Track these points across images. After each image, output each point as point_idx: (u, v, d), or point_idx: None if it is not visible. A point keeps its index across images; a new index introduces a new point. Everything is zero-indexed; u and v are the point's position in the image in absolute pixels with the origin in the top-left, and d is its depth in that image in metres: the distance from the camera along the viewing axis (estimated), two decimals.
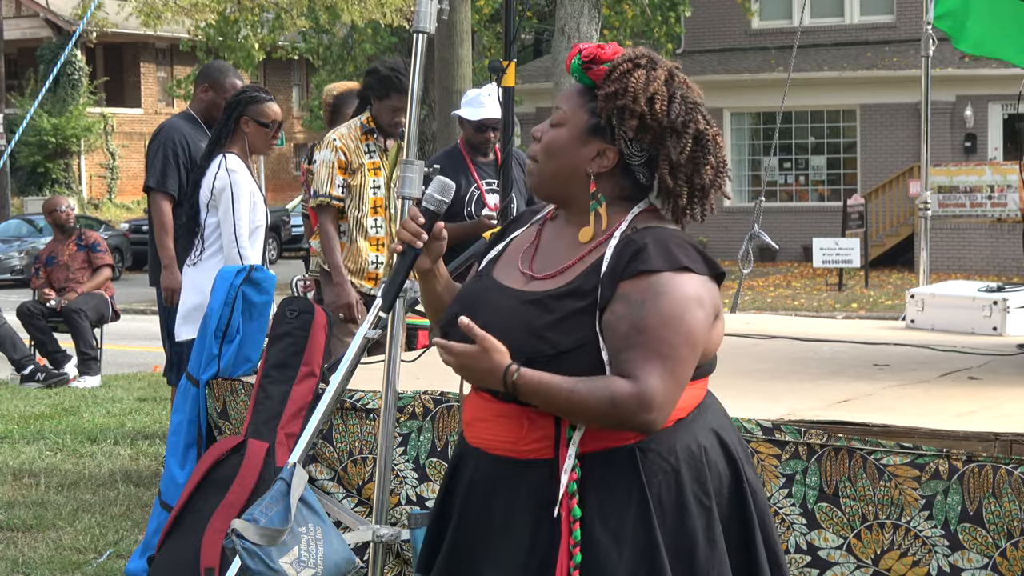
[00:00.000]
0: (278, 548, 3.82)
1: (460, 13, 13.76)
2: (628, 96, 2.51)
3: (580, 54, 2.58)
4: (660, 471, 2.49)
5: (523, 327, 2.49)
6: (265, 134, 5.66)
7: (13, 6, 35.34)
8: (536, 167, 2.61)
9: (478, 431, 2.59)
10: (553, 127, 2.60)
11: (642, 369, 2.42)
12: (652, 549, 2.46)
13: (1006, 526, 3.44)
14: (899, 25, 25.67)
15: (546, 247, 2.63)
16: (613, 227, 2.55)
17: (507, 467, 2.54)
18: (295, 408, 4.57)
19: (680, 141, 2.53)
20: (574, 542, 2.46)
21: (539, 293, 2.53)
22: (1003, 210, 22.29)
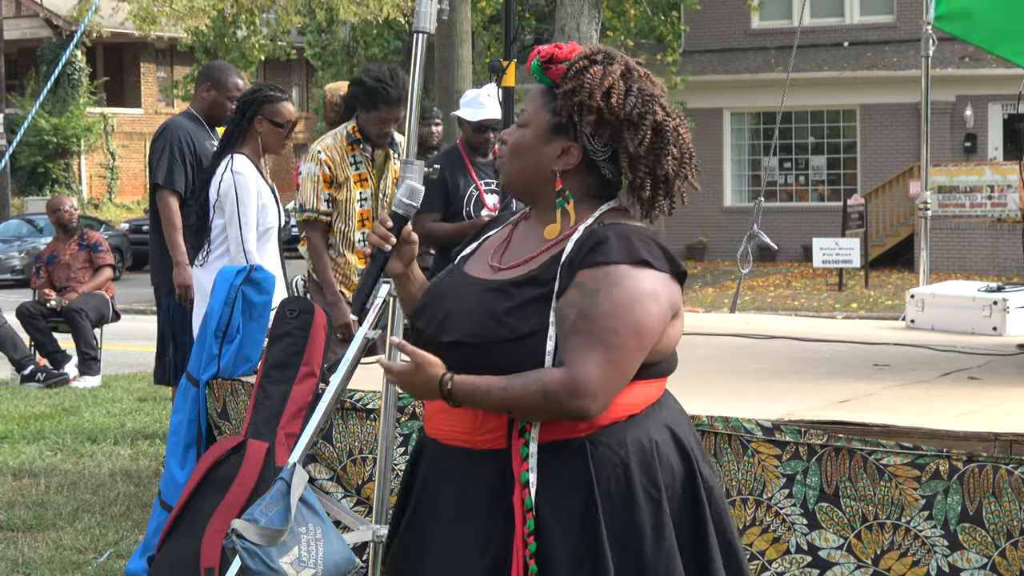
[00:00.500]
0: (278, 548, 3.82)
1: (460, 13, 13.77)
2: (584, 92, 2.56)
3: (539, 54, 2.63)
4: (609, 464, 2.53)
5: (484, 312, 2.54)
6: (279, 134, 5.62)
7: (13, 6, 35.34)
8: (504, 166, 2.68)
9: (437, 423, 2.65)
10: (519, 128, 2.66)
11: (579, 356, 2.46)
12: (596, 540, 2.51)
13: (1006, 526, 3.44)
14: (899, 25, 25.66)
15: (516, 243, 2.69)
16: (579, 222, 2.60)
17: (461, 457, 2.59)
18: (295, 408, 4.57)
19: (638, 133, 2.56)
20: (528, 531, 2.50)
21: (501, 281, 2.59)
22: (1003, 210, 22.28)
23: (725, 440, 3.77)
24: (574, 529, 2.51)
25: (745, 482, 3.75)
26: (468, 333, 2.52)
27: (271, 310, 4.92)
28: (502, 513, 2.53)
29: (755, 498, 3.74)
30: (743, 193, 26.64)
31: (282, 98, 5.65)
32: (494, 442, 2.55)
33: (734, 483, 3.77)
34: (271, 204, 5.60)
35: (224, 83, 6.42)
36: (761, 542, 3.74)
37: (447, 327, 2.57)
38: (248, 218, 5.47)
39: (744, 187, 26.87)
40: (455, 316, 2.56)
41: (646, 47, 24.11)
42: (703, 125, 25.41)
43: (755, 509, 3.75)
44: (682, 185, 2.62)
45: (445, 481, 2.61)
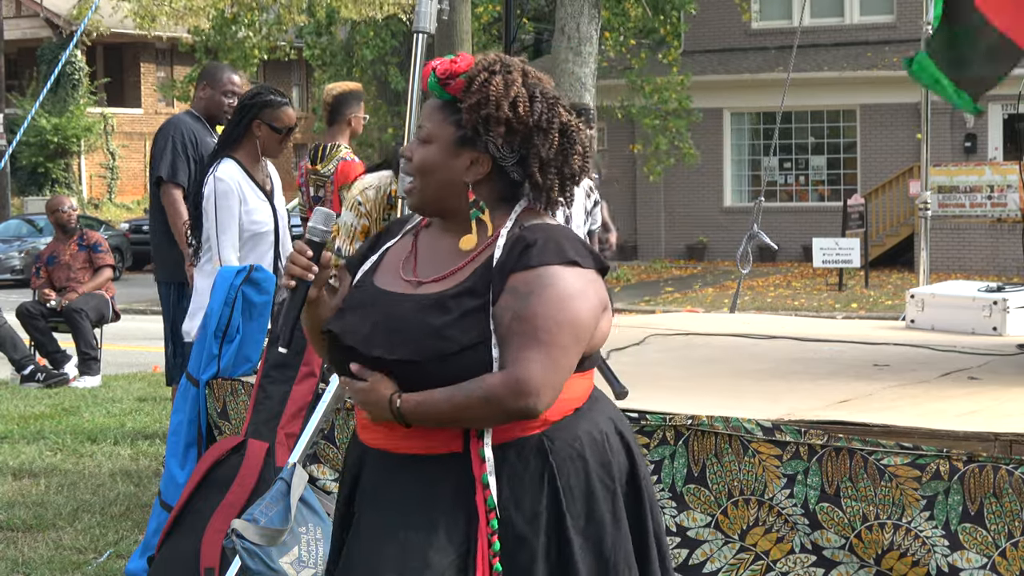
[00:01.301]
0: (278, 548, 3.82)
1: (460, 13, 13.76)
2: (491, 104, 2.60)
3: (435, 71, 2.64)
4: (568, 457, 2.58)
5: (422, 328, 2.55)
6: (277, 139, 5.59)
7: (13, 6, 35.34)
8: (414, 186, 2.68)
9: (378, 434, 2.64)
10: (421, 144, 2.67)
11: (518, 356, 2.51)
12: (563, 533, 2.56)
13: (1007, 526, 3.44)
14: (899, 25, 25.66)
15: (426, 255, 2.69)
16: (498, 228, 2.63)
17: (414, 464, 2.59)
18: (295, 408, 4.57)
19: (547, 137, 2.63)
20: (491, 530, 2.53)
21: (434, 295, 2.59)
22: (1003, 210, 22.28)
23: (726, 440, 3.77)
24: (541, 524, 2.56)
25: (747, 482, 3.75)
26: (411, 351, 2.53)
27: (271, 310, 4.92)
28: (464, 515, 2.55)
29: (757, 498, 3.74)
30: (743, 193, 26.63)
31: (282, 103, 5.62)
32: (449, 446, 2.57)
33: (736, 483, 3.77)
34: (260, 207, 5.53)
35: (219, 79, 6.42)
36: (765, 542, 3.74)
37: (382, 346, 2.56)
38: (225, 224, 5.42)
39: (744, 187, 26.87)
40: (390, 334, 2.56)
41: (646, 47, 24.10)
42: (703, 125, 25.41)
43: (757, 509, 3.75)
44: (582, 179, 2.71)
45: (395, 489, 2.60)
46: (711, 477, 3.79)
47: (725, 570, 3.78)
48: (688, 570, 3.80)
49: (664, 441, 3.84)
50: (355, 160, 6.75)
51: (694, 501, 3.81)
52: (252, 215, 5.49)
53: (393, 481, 2.61)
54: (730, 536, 3.78)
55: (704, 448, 3.80)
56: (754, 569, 3.75)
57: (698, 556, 3.80)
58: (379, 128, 23.35)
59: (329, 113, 7.09)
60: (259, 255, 5.54)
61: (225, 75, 6.47)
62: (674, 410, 3.88)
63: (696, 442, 3.81)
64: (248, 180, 5.52)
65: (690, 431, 3.82)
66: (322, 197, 6.89)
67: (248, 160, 5.55)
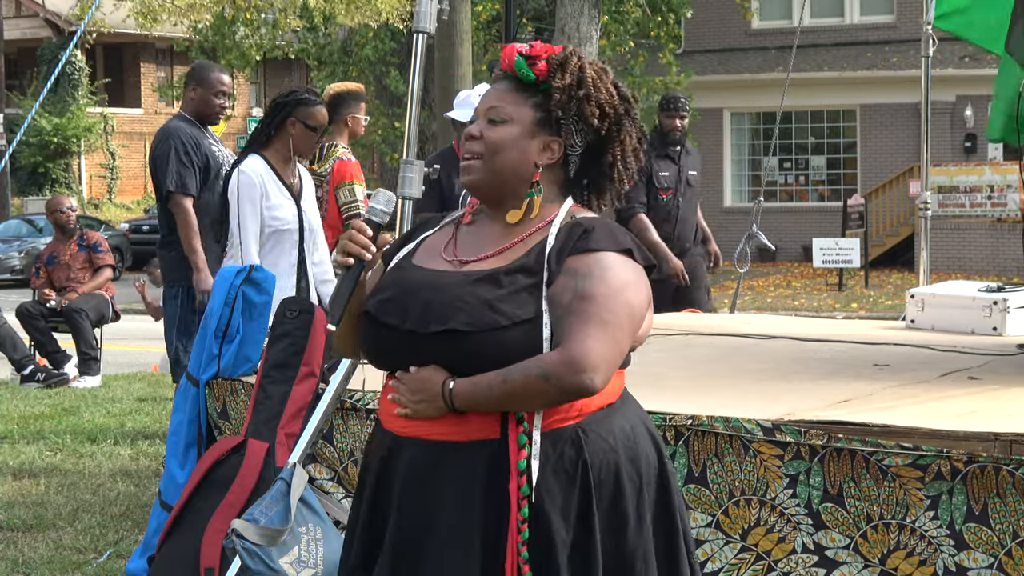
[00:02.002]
0: (278, 548, 3.82)
1: (460, 13, 13.75)
2: (588, 86, 2.64)
3: (520, 52, 2.66)
4: (600, 451, 2.58)
5: (477, 300, 2.54)
6: (311, 137, 5.62)
7: (13, 6, 35.33)
8: (480, 164, 2.67)
9: (415, 421, 2.60)
10: (495, 125, 2.67)
11: (577, 332, 2.51)
12: (590, 526, 2.56)
13: (1012, 526, 3.44)
14: (899, 25, 25.66)
15: (468, 239, 2.70)
16: (549, 215, 2.65)
17: (449, 451, 2.57)
18: (295, 408, 4.57)
19: (625, 132, 2.68)
20: (522, 518, 2.52)
21: (486, 271, 2.60)
22: (1003, 210, 22.28)
23: (726, 440, 3.77)
24: (571, 515, 2.55)
25: (748, 482, 3.75)
26: (463, 322, 2.52)
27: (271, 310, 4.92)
28: (494, 501, 2.53)
29: (759, 498, 3.74)
30: (743, 193, 26.63)
31: (317, 102, 5.68)
32: (486, 433, 2.55)
33: (737, 483, 3.77)
34: (284, 205, 5.54)
35: (208, 80, 6.42)
36: (766, 542, 3.74)
37: (430, 318, 2.55)
38: (246, 218, 5.46)
39: (744, 187, 26.87)
40: (439, 306, 2.55)
41: (645, 47, 24.11)
42: (703, 125, 25.39)
43: (759, 509, 3.75)
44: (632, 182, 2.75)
45: (436, 474, 2.58)
46: (712, 477, 3.79)
47: (726, 570, 3.78)
48: None
49: (664, 441, 3.84)
50: (351, 160, 6.75)
51: (695, 501, 3.81)
52: (273, 211, 5.50)
53: (427, 469, 2.58)
54: (731, 536, 3.78)
55: (704, 448, 3.80)
56: (755, 569, 3.75)
57: (699, 556, 3.80)
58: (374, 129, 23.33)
59: (329, 113, 7.10)
60: (281, 252, 5.54)
61: (214, 75, 6.47)
62: (674, 410, 3.88)
63: (696, 442, 3.81)
64: (273, 176, 5.54)
65: (690, 431, 3.82)
66: (320, 198, 6.89)
67: (277, 158, 5.58)
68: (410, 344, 2.57)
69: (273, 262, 5.50)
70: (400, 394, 2.59)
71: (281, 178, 5.58)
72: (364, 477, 2.73)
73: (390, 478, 2.64)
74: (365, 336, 2.67)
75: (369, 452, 2.74)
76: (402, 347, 2.59)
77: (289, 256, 5.57)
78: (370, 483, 2.69)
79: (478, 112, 2.70)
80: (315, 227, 5.71)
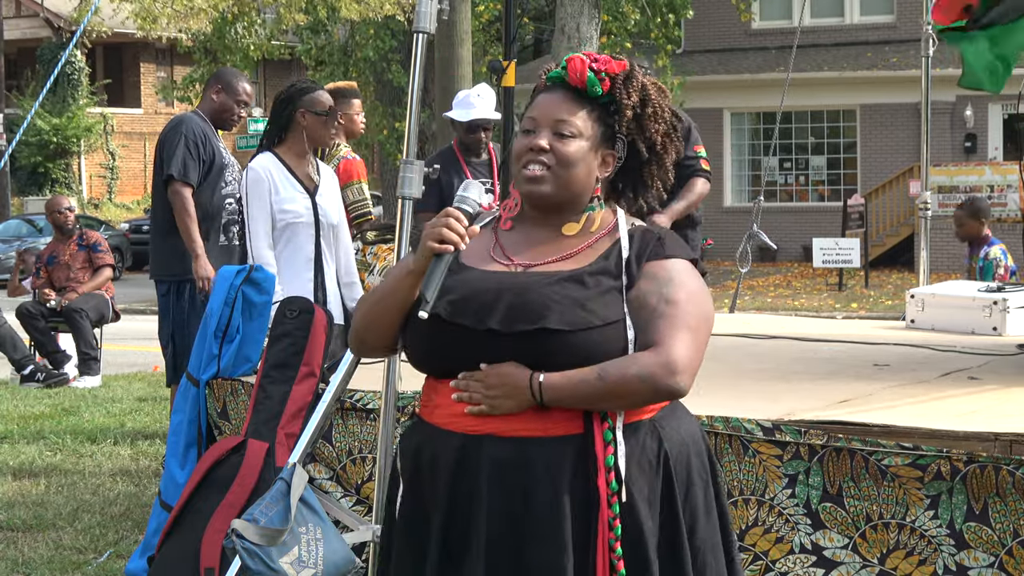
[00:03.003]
0: (278, 548, 3.82)
1: (460, 13, 13.75)
2: (653, 104, 2.72)
3: (592, 68, 2.69)
4: (676, 444, 2.64)
5: (568, 299, 2.57)
6: (324, 123, 5.62)
7: (13, 6, 35.32)
8: (550, 175, 2.68)
9: (486, 417, 2.59)
10: (564, 138, 2.68)
11: (668, 336, 2.57)
12: (675, 517, 2.61)
13: (1012, 525, 3.44)
14: (899, 25, 25.65)
15: (517, 244, 2.71)
16: (608, 222, 2.71)
17: (534, 447, 2.57)
18: (295, 408, 4.57)
19: (673, 147, 2.78)
20: (613, 515, 2.54)
21: (567, 272, 2.62)
22: (1003, 210, 22.28)
23: (726, 440, 3.77)
24: (656, 505, 2.60)
25: (747, 482, 3.75)
26: (556, 321, 2.54)
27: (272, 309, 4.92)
28: (582, 496, 2.55)
29: (757, 498, 3.74)
30: (743, 193, 26.63)
31: (317, 87, 5.72)
32: (571, 428, 2.57)
33: (736, 483, 3.77)
34: (296, 198, 5.52)
35: (235, 87, 6.46)
36: (764, 542, 3.74)
37: (516, 318, 2.55)
38: (255, 211, 5.47)
39: (744, 187, 26.86)
40: (527, 306, 2.55)
41: (644, 47, 24.10)
42: (703, 125, 25.38)
43: (757, 509, 3.75)
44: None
45: (522, 470, 2.56)
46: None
47: None
48: None
49: None
50: (356, 158, 6.75)
51: None
52: (283, 204, 5.49)
53: (512, 466, 2.57)
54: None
55: None
56: (753, 569, 3.75)
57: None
58: (378, 129, 23.32)
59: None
60: (297, 246, 5.52)
61: (240, 84, 6.52)
62: None
63: None
64: (284, 171, 5.53)
65: None
66: None
67: (291, 154, 5.57)
68: (489, 344, 2.56)
69: (289, 257, 5.49)
70: (472, 391, 2.57)
71: (295, 173, 5.57)
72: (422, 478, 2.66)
73: (471, 477, 2.60)
74: (425, 338, 2.63)
75: (421, 455, 2.67)
76: (478, 347, 2.58)
77: (305, 250, 5.55)
78: (443, 483, 2.62)
79: (538, 122, 2.70)
80: (336, 222, 5.67)
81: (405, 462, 2.72)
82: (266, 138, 5.67)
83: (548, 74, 2.76)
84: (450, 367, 2.63)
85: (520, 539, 2.56)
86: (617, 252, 2.65)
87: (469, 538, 2.59)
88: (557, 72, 2.73)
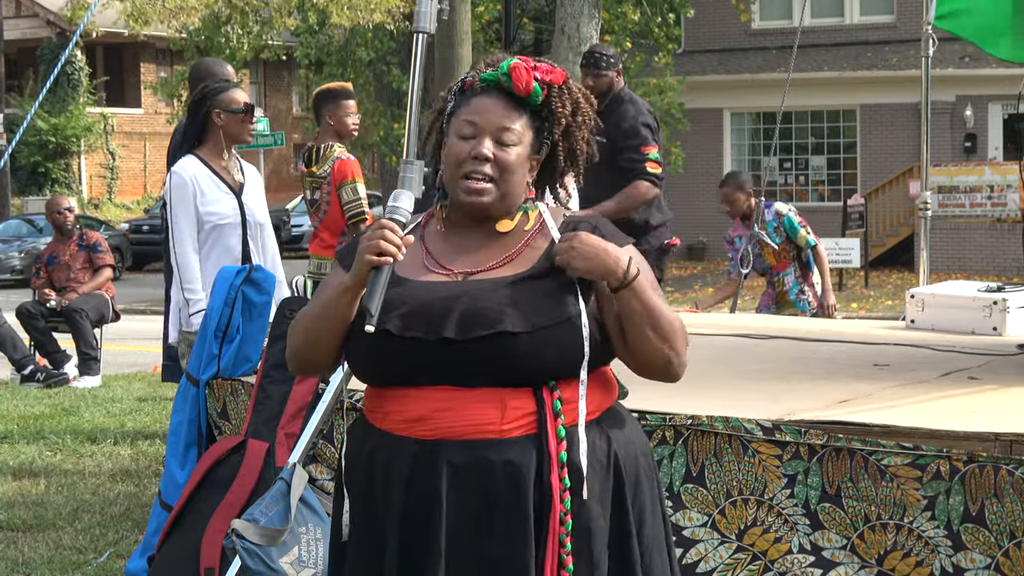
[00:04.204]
0: (278, 548, 3.82)
1: (460, 13, 13.75)
2: (583, 112, 2.75)
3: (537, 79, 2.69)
4: (624, 442, 2.68)
5: (519, 302, 2.58)
6: (240, 120, 5.59)
7: (13, 6, 35.32)
8: (493, 187, 2.67)
9: (442, 422, 2.59)
10: (506, 146, 2.68)
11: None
12: (624, 514, 2.64)
13: (1008, 526, 3.44)
14: (899, 25, 25.66)
15: (448, 250, 2.71)
16: (538, 220, 2.74)
17: (491, 449, 2.57)
18: (295, 408, 4.57)
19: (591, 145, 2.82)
20: (564, 510, 2.56)
21: (513, 276, 2.64)
22: (1003, 210, 22.29)
23: (725, 440, 3.77)
24: (608, 504, 2.62)
25: (746, 482, 3.75)
26: (512, 323, 2.55)
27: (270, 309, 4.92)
28: (536, 495, 2.56)
29: (756, 498, 3.74)
30: None
31: (229, 85, 5.68)
32: (525, 428, 2.58)
33: (735, 483, 3.77)
34: (221, 199, 5.53)
35: (216, 76, 6.46)
36: (762, 542, 3.74)
37: (472, 325, 2.55)
38: (178, 216, 5.49)
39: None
40: (479, 314, 2.56)
41: (643, 47, 24.10)
42: (703, 125, 25.40)
43: (756, 509, 3.75)
44: None
45: (477, 472, 2.57)
46: (710, 477, 3.79)
47: (720, 570, 3.78)
48: (682, 569, 3.80)
49: (663, 441, 3.85)
50: (351, 158, 6.73)
51: (691, 500, 3.82)
52: (208, 207, 5.51)
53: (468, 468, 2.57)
54: (727, 536, 3.78)
55: (704, 448, 3.80)
56: (751, 569, 3.75)
57: (692, 555, 3.80)
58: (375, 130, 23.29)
59: (315, 115, 7.13)
60: (226, 247, 5.55)
61: (221, 70, 6.52)
62: (674, 410, 3.88)
63: (696, 442, 3.81)
64: (209, 173, 5.55)
65: (690, 431, 3.82)
66: (317, 200, 6.88)
67: (211, 154, 5.58)
68: (445, 352, 2.56)
69: (217, 258, 5.51)
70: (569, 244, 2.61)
71: (219, 174, 5.59)
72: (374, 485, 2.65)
73: (428, 481, 2.59)
74: (374, 351, 2.61)
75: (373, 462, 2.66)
76: (432, 356, 2.57)
77: (233, 251, 5.57)
78: (398, 488, 2.61)
79: (480, 128, 2.67)
80: (262, 221, 5.68)
81: (354, 473, 2.70)
82: (186, 142, 5.67)
83: (483, 75, 2.71)
84: (401, 377, 2.63)
85: (481, 538, 2.57)
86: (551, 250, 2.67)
87: (428, 541, 2.59)
88: (493, 75, 2.69)
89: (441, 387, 2.59)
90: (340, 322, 2.66)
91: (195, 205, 5.49)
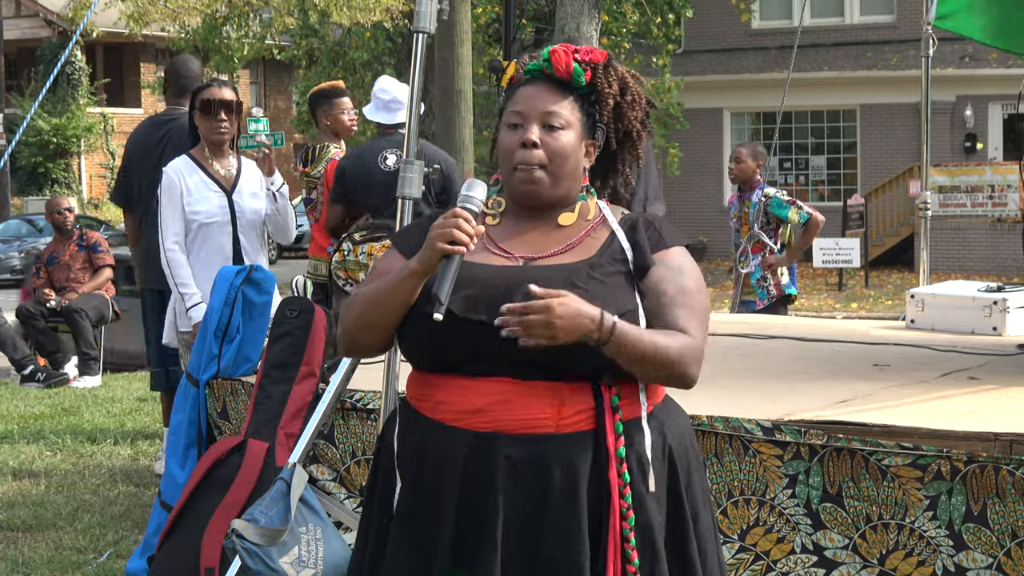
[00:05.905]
0: (278, 548, 3.82)
1: (460, 13, 13.75)
2: (632, 92, 2.74)
3: (577, 59, 2.70)
4: (677, 436, 2.69)
5: (581, 291, 2.56)
6: (208, 119, 5.60)
7: (13, 6, 35.32)
8: (544, 174, 2.67)
9: (498, 415, 2.57)
10: (554, 131, 2.67)
11: (688, 325, 2.62)
12: (681, 509, 2.65)
13: (1010, 526, 3.44)
14: (899, 25, 25.66)
15: (509, 238, 2.70)
16: (599, 211, 2.73)
17: (546, 443, 2.57)
18: (295, 408, 4.57)
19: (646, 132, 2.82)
20: (626, 505, 2.57)
21: (574, 263, 2.64)
22: (1003, 210, 22.30)
23: (726, 440, 3.77)
24: (663, 498, 2.63)
25: (747, 482, 3.75)
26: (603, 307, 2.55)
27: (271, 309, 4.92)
28: (595, 491, 2.57)
29: (758, 498, 3.74)
30: None
31: (209, 84, 5.73)
32: (583, 424, 2.58)
33: (736, 483, 3.77)
34: (208, 198, 5.57)
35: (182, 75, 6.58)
36: (765, 542, 3.74)
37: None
38: (165, 215, 5.56)
39: None
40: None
41: (643, 47, 24.09)
42: (703, 125, 25.40)
43: (758, 509, 3.75)
44: None
45: (534, 466, 2.56)
46: (711, 477, 3.79)
47: None
48: None
49: None
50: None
51: None
52: (194, 206, 5.54)
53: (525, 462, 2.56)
54: (729, 536, 3.78)
55: (704, 448, 3.79)
56: (754, 569, 3.75)
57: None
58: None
59: (312, 117, 7.16)
60: (215, 246, 5.57)
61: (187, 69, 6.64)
62: None
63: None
64: (198, 172, 5.58)
65: None
66: (314, 199, 6.89)
67: (203, 154, 5.64)
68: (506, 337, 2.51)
69: (207, 256, 5.52)
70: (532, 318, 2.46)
71: (209, 173, 5.60)
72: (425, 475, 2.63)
73: (485, 474, 2.57)
74: (432, 334, 2.58)
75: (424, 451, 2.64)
76: (492, 341, 2.53)
77: (224, 250, 5.57)
78: (452, 480, 2.59)
79: (525, 115, 2.67)
80: (256, 220, 5.70)
81: (406, 459, 2.68)
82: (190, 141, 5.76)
83: (527, 67, 2.74)
84: (457, 362, 2.60)
85: (538, 532, 2.56)
86: (618, 241, 2.67)
87: (483, 533, 2.57)
88: (537, 64, 2.72)
89: (496, 378, 2.58)
90: (402, 305, 2.64)
91: (181, 205, 5.52)
